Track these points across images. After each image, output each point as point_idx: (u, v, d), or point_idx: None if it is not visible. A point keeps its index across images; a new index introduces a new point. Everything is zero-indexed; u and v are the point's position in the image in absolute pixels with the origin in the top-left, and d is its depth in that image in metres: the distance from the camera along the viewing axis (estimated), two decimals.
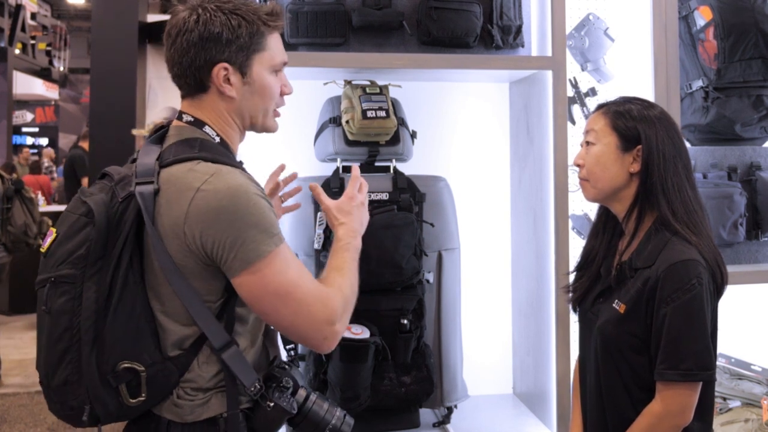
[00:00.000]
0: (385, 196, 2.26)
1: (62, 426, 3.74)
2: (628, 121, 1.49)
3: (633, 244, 1.49)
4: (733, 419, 2.41)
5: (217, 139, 1.28)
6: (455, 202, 2.41)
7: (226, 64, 1.25)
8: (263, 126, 1.35)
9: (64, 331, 1.15)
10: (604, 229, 1.59)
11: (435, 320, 2.35)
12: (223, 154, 1.25)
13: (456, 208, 2.42)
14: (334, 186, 2.26)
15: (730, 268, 2.51)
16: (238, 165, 1.27)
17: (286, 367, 1.31)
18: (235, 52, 1.24)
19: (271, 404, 1.22)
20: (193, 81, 1.27)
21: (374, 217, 2.20)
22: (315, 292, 1.24)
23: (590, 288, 1.57)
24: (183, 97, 1.32)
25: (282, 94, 1.35)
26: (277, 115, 1.37)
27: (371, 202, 2.25)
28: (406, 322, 2.14)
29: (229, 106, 1.29)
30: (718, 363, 2.56)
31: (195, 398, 1.21)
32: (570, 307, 1.66)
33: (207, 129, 1.28)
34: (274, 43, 1.30)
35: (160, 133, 1.32)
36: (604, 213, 1.60)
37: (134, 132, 3.79)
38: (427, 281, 2.31)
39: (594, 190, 1.53)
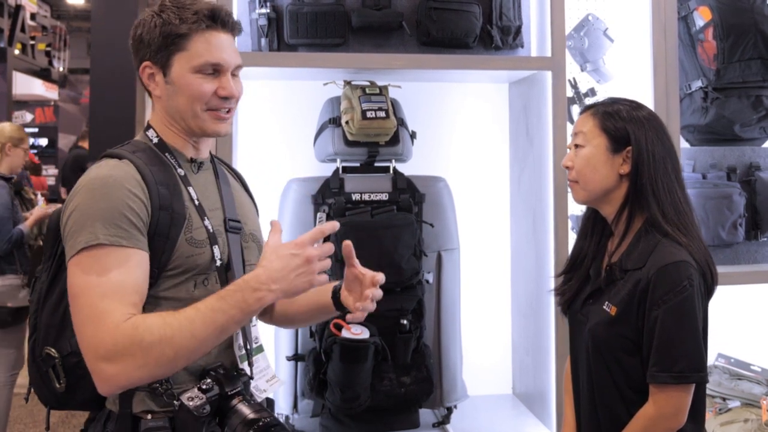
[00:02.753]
0: (384, 197, 2.26)
1: (62, 426, 3.74)
2: (618, 122, 1.48)
3: (623, 245, 1.48)
4: (732, 419, 2.41)
5: (155, 140, 1.30)
6: (455, 202, 2.42)
7: (149, 63, 1.28)
8: (198, 128, 1.29)
9: (28, 318, 1.29)
10: (593, 231, 1.58)
11: (434, 321, 2.35)
12: (138, 150, 1.26)
13: (455, 208, 2.42)
14: (334, 186, 2.26)
15: (729, 269, 2.54)
16: (157, 159, 1.26)
17: (220, 372, 1.24)
18: (155, 51, 1.26)
19: (178, 404, 1.19)
20: (143, 84, 1.33)
21: (374, 218, 2.21)
22: (95, 311, 1.10)
23: (580, 290, 1.56)
24: None
25: (219, 96, 1.27)
26: (219, 116, 1.29)
27: (371, 203, 2.25)
28: (405, 322, 2.15)
29: (160, 106, 1.31)
30: (717, 363, 2.58)
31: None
32: (560, 310, 1.65)
33: (150, 132, 1.32)
34: (200, 43, 1.25)
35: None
36: (593, 215, 1.59)
37: None
38: (427, 281, 2.31)
39: (584, 192, 1.51)
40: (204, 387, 1.21)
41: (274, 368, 2.31)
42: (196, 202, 1.28)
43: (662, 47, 2.44)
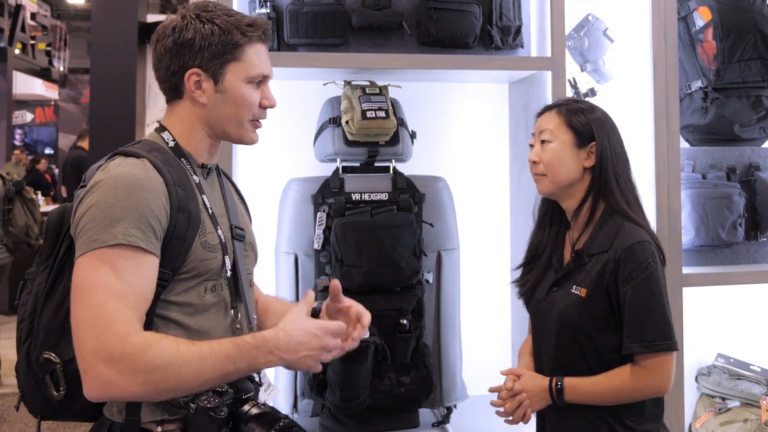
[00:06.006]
0: (384, 197, 2.26)
1: (62, 426, 3.74)
2: (582, 119, 1.60)
3: (585, 233, 1.59)
4: (732, 419, 2.41)
5: (171, 144, 1.27)
6: (455, 202, 2.42)
7: (198, 70, 1.25)
8: (238, 136, 1.31)
9: (20, 322, 1.24)
10: (551, 223, 1.69)
11: (434, 320, 2.35)
12: (153, 150, 1.23)
13: (455, 208, 2.42)
14: (334, 186, 2.26)
15: (729, 269, 2.54)
16: (173, 161, 1.23)
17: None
18: (207, 59, 1.24)
19: (194, 406, 1.15)
20: (169, 86, 1.29)
21: (374, 217, 2.21)
22: (103, 311, 1.07)
23: (540, 279, 1.66)
24: (166, 102, 1.33)
25: (262, 106, 1.32)
26: (257, 126, 1.33)
27: (371, 202, 2.25)
28: (405, 322, 2.15)
29: (201, 113, 1.28)
30: (717, 363, 2.58)
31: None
32: (522, 300, 1.73)
33: (165, 134, 1.29)
34: (253, 54, 1.28)
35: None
36: (550, 208, 1.69)
37: None
38: (427, 281, 2.31)
39: (552, 184, 1.61)
40: (220, 390, 1.19)
41: (273, 371, 2.32)
42: (210, 210, 1.27)
43: (662, 47, 2.44)
